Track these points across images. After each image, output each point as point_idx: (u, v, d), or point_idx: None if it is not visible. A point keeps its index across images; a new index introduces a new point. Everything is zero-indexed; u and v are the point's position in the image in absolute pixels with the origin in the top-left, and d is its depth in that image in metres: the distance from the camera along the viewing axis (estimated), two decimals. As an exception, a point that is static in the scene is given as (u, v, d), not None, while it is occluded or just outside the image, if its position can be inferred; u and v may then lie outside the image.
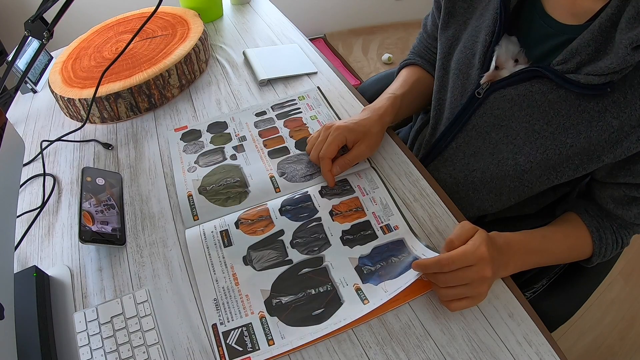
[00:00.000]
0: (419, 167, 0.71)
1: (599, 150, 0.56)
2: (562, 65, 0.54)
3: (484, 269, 0.51)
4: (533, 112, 0.59)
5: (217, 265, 0.60)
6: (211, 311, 0.56)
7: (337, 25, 2.34)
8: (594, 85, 0.52)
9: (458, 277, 0.51)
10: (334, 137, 0.68)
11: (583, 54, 0.52)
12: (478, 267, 0.50)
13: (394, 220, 0.64)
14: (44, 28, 0.70)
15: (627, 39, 0.47)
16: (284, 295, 0.57)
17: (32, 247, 0.67)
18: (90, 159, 0.79)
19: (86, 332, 0.54)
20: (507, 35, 0.62)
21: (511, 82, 0.60)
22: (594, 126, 0.54)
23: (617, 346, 1.34)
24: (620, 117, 0.52)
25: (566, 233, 0.63)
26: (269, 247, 0.61)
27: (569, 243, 0.63)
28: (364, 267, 0.59)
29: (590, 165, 0.58)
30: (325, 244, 0.61)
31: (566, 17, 0.56)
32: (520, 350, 0.51)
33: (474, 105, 0.65)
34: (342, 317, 0.54)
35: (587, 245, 0.63)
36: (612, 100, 0.53)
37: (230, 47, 1.03)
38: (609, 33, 0.50)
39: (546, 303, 0.72)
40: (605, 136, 0.54)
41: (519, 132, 0.61)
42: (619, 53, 0.48)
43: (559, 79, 0.54)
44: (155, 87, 0.85)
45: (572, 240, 0.63)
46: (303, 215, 0.65)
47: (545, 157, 0.59)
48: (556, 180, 0.62)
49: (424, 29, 0.84)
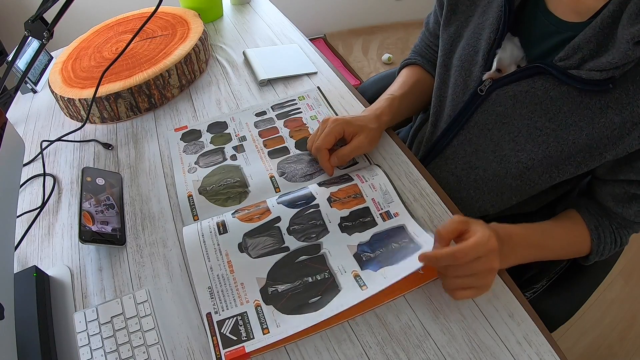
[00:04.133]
0: (419, 167, 0.71)
1: (601, 147, 0.56)
2: (565, 61, 0.54)
3: (492, 261, 0.51)
4: (535, 109, 0.59)
5: (212, 253, 0.59)
6: (205, 300, 0.56)
7: (337, 25, 2.34)
8: (596, 81, 0.52)
9: (468, 268, 0.50)
10: (331, 129, 0.68)
11: (585, 50, 0.53)
12: (487, 259, 0.50)
13: (394, 207, 0.63)
14: (44, 28, 0.70)
15: (629, 34, 0.48)
16: (280, 284, 0.57)
17: (32, 247, 0.67)
18: (90, 159, 0.79)
19: (86, 332, 0.54)
20: (510, 37, 0.62)
21: (513, 79, 0.60)
22: (596, 123, 0.55)
23: (617, 346, 1.34)
24: (622, 114, 0.53)
25: (565, 229, 0.63)
26: (265, 234, 0.61)
27: (567, 240, 0.63)
28: (362, 255, 0.59)
29: (592, 163, 0.58)
30: (323, 231, 0.61)
31: (568, 15, 0.56)
32: (520, 350, 0.51)
33: (476, 102, 0.65)
34: (340, 304, 0.53)
35: (585, 242, 0.63)
36: (614, 97, 0.53)
37: (230, 47, 1.03)
38: (611, 29, 0.51)
39: (546, 303, 0.72)
40: (607, 133, 0.54)
41: (520, 130, 0.61)
42: (621, 48, 0.49)
43: (561, 75, 0.55)
44: (155, 87, 0.85)
45: (571, 237, 0.63)
46: (300, 202, 0.64)
47: (547, 154, 0.60)
48: (558, 177, 0.62)
49: (426, 27, 0.84)
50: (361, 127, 0.69)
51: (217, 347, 0.52)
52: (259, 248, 0.60)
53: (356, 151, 0.69)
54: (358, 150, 0.69)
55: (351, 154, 0.68)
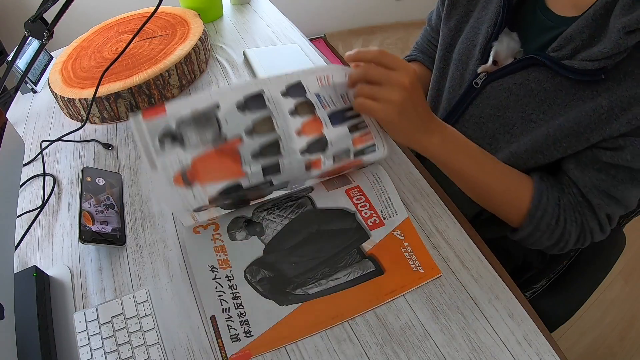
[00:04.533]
0: (418, 167, 0.71)
1: (587, 132, 0.54)
2: (558, 52, 0.55)
3: (403, 77, 0.52)
4: (529, 102, 0.59)
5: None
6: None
7: (337, 25, 2.34)
8: (588, 71, 0.52)
9: (378, 72, 0.53)
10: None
11: (577, 41, 0.53)
12: (402, 73, 0.52)
13: None
14: (44, 28, 0.70)
15: (621, 23, 0.48)
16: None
17: (32, 247, 0.67)
18: (90, 159, 0.79)
19: (86, 332, 0.54)
20: (508, 31, 0.62)
21: (508, 71, 0.61)
22: (584, 108, 0.54)
23: (617, 346, 1.34)
24: (611, 99, 0.52)
25: (510, 173, 0.60)
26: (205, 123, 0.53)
27: (506, 181, 0.59)
28: None
29: (578, 147, 0.56)
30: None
31: (567, 10, 0.57)
32: (520, 350, 0.51)
33: (471, 95, 0.65)
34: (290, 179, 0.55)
35: (524, 199, 0.58)
36: (605, 88, 0.53)
37: (230, 47, 1.03)
38: (604, 20, 0.51)
39: (546, 303, 0.72)
40: (595, 117, 0.53)
41: (515, 122, 0.61)
42: (612, 38, 0.49)
43: (555, 65, 0.55)
44: (155, 87, 0.85)
45: (511, 181, 0.59)
46: None
47: (534, 138, 0.59)
48: (542, 162, 0.59)
49: (428, 24, 0.85)
50: None
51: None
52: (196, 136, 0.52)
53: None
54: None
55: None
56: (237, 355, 0.52)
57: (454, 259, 0.58)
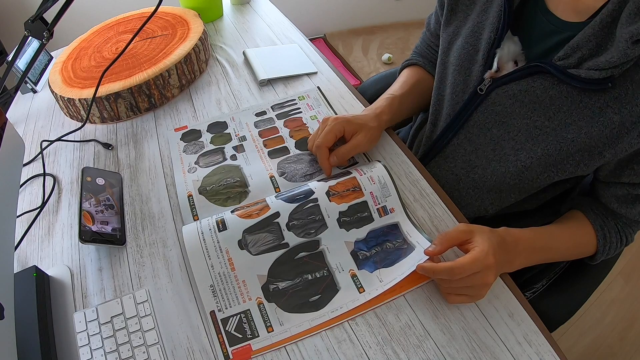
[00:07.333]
0: (419, 167, 0.71)
1: (600, 146, 0.56)
2: (564, 60, 0.55)
3: (488, 276, 0.51)
4: (534, 108, 0.59)
5: (212, 251, 0.59)
6: (208, 298, 0.56)
7: (337, 25, 2.34)
8: (595, 80, 0.52)
9: (462, 281, 0.51)
10: (331, 127, 0.68)
11: (584, 49, 0.53)
12: (482, 274, 0.51)
13: (391, 202, 0.63)
14: (44, 28, 0.70)
15: (628, 32, 0.48)
16: (280, 281, 0.57)
17: (32, 247, 0.67)
18: (90, 159, 0.79)
19: (86, 332, 0.54)
20: (510, 36, 0.62)
21: (513, 78, 0.61)
22: (595, 122, 0.55)
23: (617, 346, 1.34)
24: (621, 113, 0.53)
25: (572, 231, 0.64)
26: (265, 230, 0.60)
27: (574, 241, 0.63)
28: (359, 252, 0.59)
29: (591, 162, 0.58)
30: (322, 226, 0.61)
31: (568, 14, 0.57)
32: (520, 350, 0.51)
33: (476, 101, 0.65)
34: (339, 305, 0.55)
35: (591, 243, 0.63)
36: (613, 97, 0.53)
37: (230, 47, 1.03)
38: (610, 29, 0.51)
39: (546, 303, 0.72)
40: (607, 132, 0.54)
41: (520, 129, 0.61)
42: (619, 47, 0.49)
43: (561, 74, 0.55)
44: (155, 87, 0.85)
45: (577, 238, 0.64)
46: (299, 197, 0.63)
47: (546, 152, 0.60)
48: (556, 177, 0.62)
49: (427, 28, 0.84)
50: (361, 125, 0.69)
51: (223, 345, 0.52)
52: (259, 244, 0.59)
53: (355, 149, 0.69)
54: (357, 148, 0.69)
55: (350, 152, 0.68)
56: (238, 349, 0.52)
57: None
